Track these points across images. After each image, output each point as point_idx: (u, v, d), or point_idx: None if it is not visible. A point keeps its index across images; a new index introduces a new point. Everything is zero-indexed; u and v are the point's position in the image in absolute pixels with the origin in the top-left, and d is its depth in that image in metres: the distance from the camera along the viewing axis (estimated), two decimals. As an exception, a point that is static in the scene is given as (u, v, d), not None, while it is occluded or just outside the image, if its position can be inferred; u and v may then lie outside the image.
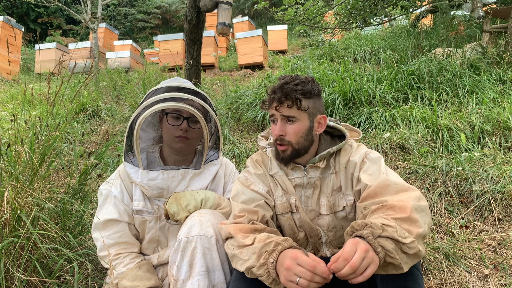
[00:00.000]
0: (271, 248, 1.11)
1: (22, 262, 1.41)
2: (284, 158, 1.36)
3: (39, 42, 12.21)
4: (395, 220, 1.03)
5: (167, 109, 1.48)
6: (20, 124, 2.63)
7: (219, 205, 1.50)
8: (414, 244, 0.99)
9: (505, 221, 2.14)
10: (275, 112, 1.33)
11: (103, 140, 3.42)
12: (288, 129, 1.32)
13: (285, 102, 1.30)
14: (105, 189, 1.52)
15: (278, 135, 1.32)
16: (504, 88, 3.49)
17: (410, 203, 1.07)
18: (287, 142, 1.33)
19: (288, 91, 1.28)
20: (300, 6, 5.47)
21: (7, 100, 4.63)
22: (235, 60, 8.64)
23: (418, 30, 6.62)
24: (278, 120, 1.33)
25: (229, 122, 3.84)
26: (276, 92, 1.31)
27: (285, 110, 1.31)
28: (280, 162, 1.40)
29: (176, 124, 1.48)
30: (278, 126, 1.32)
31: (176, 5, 16.65)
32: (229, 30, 3.30)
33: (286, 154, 1.35)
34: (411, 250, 0.99)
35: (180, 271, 1.31)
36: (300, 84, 1.31)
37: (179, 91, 1.48)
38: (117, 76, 5.76)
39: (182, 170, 1.52)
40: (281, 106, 1.30)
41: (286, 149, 1.34)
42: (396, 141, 2.90)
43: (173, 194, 1.49)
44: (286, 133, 1.32)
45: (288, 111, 1.30)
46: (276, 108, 1.31)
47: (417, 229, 1.02)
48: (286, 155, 1.35)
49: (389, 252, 0.97)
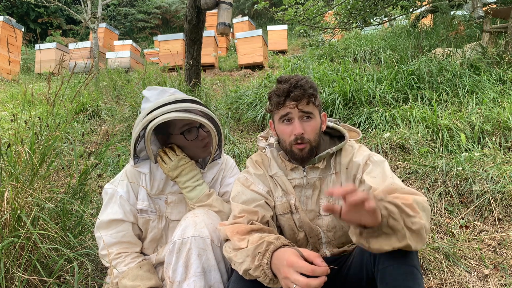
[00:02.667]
0: (264, 249, 1.12)
1: (22, 262, 1.41)
2: (303, 156, 1.34)
3: (39, 42, 12.21)
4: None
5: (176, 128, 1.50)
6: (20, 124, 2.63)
7: (201, 201, 1.49)
8: (417, 220, 0.99)
9: (505, 221, 2.14)
10: (291, 111, 1.31)
11: (103, 140, 3.42)
12: (307, 127, 1.32)
13: (304, 99, 1.29)
14: (110, 189, 1.52)
15: (300, 133, 1.30)
16: (504, 88, 3.49)
17: (413, 197, 1.09)
18: (307, 140, 1.32)
19: (304, 88, 1.29)
20: (300, 6, 5.47)
21: (7, 100, 4.63)
22: (235, 60, 8.64)
23: (418, 30, 6.62)
24: (295, 118, 1.31)
25: (229, 122, 3.84)
26: (292, 91, 1.29)
27: (305, 107, 1.30)
28: (298, 162, 1.39)
29: (194, 137, 1.50)
30: (297, 124, 1.30)
31: (176, 5, 16.65)
32: (229, 30, 3.30)
33: (305, 152, 1.33)
34: (414, 225, 0.99)
35: (175, 273, 1.31)
36: (308, 81, 1.32)
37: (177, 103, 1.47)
38: (117, 76, 5.76)
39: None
40: (301, 103, 1.30)
41: (305, 147, 1.32)
42: (396, 141, 2.90)
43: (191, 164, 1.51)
44: (305, 130, 1.31)
45: (307, 107, 1.31)
46: (296, 106, 1.30)
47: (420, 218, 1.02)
48: (305, 153, 1.33)
49: (392, 212, 0.96)
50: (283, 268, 1.04)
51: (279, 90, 1.32)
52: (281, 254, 1.08)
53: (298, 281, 0.98)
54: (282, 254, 1.08)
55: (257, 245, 1.14)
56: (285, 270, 1.02)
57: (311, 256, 1.04)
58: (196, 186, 1.50)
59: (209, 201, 1.50)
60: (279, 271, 1.06)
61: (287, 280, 1.02)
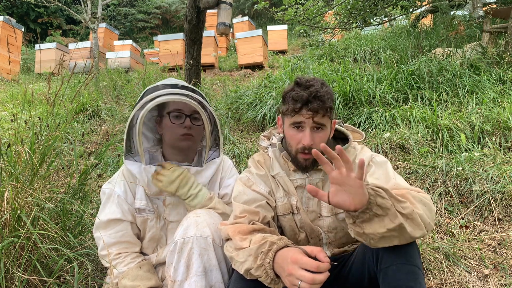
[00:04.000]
0: (267, 248, 1.12)
1: (22, 262, 1.41)
2: (307, 165, 1.34)
3: (39, 42, 12.20)
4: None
5: (168, 109, 1.48)
6: (20, 124, 2.63)
7: (205, 206, 1.49)
8: (408, 205, 1.00)
9: (505, 221, 2.14)
10: (306, 120, 1.28)
11: (103, 140, 3.42)
12: (316, 138, 1.29)
13: (321, 112, 1.26)
14: (108, 188, 1.52)
15: (309, 145, 1.27)
16: (504, 88, 3.49)
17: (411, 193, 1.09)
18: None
19: (323, 100, 1.25)
20: (300, 6, 5.47)
21: (7, 100, 4.63)
22: (235, 60, 8.64)
23: (418, 30, 6.62)
24: (306, 128, 1.29)
25: (229, 122, 3.84)
26: (311, 102, 1.25)
27: (320, 119, 1.27)
28: (301, 170, 1.38)
29: (179, 122, 1.48)
30: (308, 135, 1.27)
31: (176, 5, 16.65)
32: (229, 30, 3.30)
33: (309, 162, 1.33)
34: (404, 209, 1.00)
35: (177, 272, 1.31)
36: (327, 92, 1.27)
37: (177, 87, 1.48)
38: (117, 76, 5.76)
39: (184, 167, 1.52)
40: (317, 116, 1.26)
41: (310, 158, 1.30)
42: (396, 141, 2.90)
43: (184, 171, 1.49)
44: (314, 142, 1.28)
45: (322, 119, 1.28)
46: (312, 117, 1.26)
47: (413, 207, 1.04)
48: (309, 163, 1.33)
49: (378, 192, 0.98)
50: (287, 265, 1.03)
51: (297, 96, 1.26)
52: (284, 253, 1.08)
53: (304, 277, 0.98)
54: (286, 253, 1.08)
55: (260, 245, 1.13)
56: (290, 267, 1.02)
57: (314, 251, 1.04)
58: (198, 192, 1.49)
59: (212, 204, 1.50)
60: (283, 269, 1.05)
61: (291, 277, 1.01)
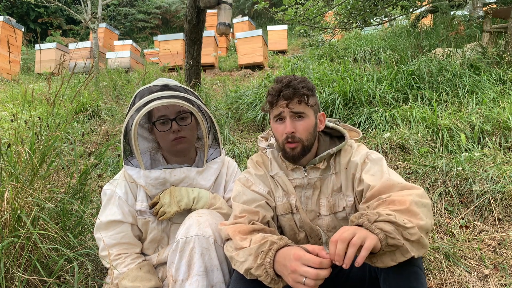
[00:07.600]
0: (267, 248, 1.12)
1: (22, 262, 1.41)
2: (295, 155, 1.35)
3: (39, 42, 12.20)
4: (394, 211, 1.04)
5: (154, 118, 1.48)
6: (20, 124, 2.63)
7: (212, 205, 1.50)
8: (415, 230, 0.99)
9: (505, 221, 2.14)
10: (283, 110, 1.32)
11: (103, 140, 3.41)
12: (298, 126, 1.32)
13: (295, 99, 1.30)
14: (109, 189, 1.52)
15: (290, 132, 1.31)
16: (504, 88, 3.49)
17: (410, 197, 1.08)
18: (298, 139, 1.32)
19: (296, 88, 1.30)
20: (300, 6, 5.47)
21: (7, 100, 4.63)
22: (235, 60, 8.64)
23: (418, 30, 6.62)
24: (286, 117, 1.33)
25: (229, 122, 3.84)
26: (283, 90, 1.30)
27: (296, 106, 1.31)
28: (290, 160, 1.39)
29: (166, 129, 1.48)
30: (289, 123, 1.32)
31: (176, 5, 16.65)
32: (229, 30, 3.30)
33: (297, 151, 1.34)
34: (412, 236, 0.99)
35: (178, 272, 1.32)
36: (302, 81, 1.33)
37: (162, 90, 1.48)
38: (117, 76, 5.75)
39: (185, 168, 1.52)
40: (291, 103, 1.31)
41: (296, 146, 1.33)
42: (396, 141, 2.90)
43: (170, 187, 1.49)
44: (296, 130, 1.32)
45: (298, 107, 1.31)
46: (287, 105, 1.31)
47: (418, 221, 1.02)
48: (296, 152, 1.34)
49: (389, 232, 0.97)
50: (290, 262, 1.03)
51: (272, 90, 1.34)
52: (286, 252, 1.09)
53: (308, 273, 0.98)
54: (287, 251, 1.09)
55: (261, 244, 1.14)
56: (293, 264, 1.02)
57: (316, 250, 1.04)
58: (199, 193, 1.49)
59: (219, 204, 1.51)
60: (285, 267, 1.06)
61: (295, 274, 1.01)
